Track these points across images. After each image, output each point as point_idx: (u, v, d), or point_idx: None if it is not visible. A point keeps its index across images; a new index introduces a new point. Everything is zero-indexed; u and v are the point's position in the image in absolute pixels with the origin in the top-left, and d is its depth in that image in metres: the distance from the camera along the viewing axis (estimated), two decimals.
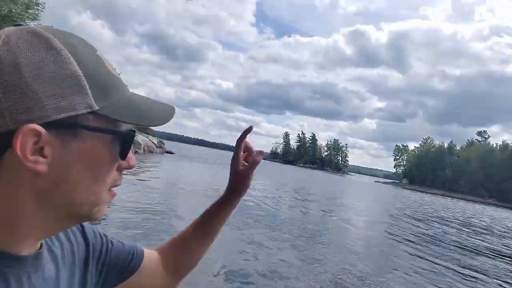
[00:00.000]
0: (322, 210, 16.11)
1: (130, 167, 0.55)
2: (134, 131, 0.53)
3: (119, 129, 0.50)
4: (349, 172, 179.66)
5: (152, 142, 45.99)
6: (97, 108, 0.47)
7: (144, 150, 40.63)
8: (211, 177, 24.99)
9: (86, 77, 0.46)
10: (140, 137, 42.36)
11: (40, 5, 39.36)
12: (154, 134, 53.73)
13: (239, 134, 0.82)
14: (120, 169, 0.54)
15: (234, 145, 0.82)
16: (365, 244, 10.30)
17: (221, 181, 21.24)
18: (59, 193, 0.47)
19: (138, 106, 0.52)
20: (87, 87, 0.46)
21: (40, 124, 0.43)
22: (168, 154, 48.45)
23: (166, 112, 0.55)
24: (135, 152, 36.34)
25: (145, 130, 50.29)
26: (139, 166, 22.85)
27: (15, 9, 34.78)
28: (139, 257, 0.77)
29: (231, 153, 0.84)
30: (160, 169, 24.64)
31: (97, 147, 0.49)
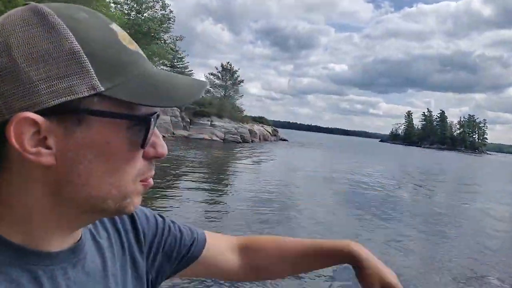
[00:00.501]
0: (451, 197, 14.32)
1: (159, 156, 0.48)
2: (155, 114, 0.45)
3: (135, 113, 0.43)
4: (488, 152, 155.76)
5: (267, 131, 48.36)
6: (102, 89, 0.40)
7: (259, 138, 43.31)
8: (323, 161, 24.75)
9: (88, 53, 0.40)
10: (256, 127, 45.00)
11: (171, 19, 45.52)
12: (269, 123, 56.06)
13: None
14: (148, 158, 0.47)
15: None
16: (508, 240, 8.65)
17: (334, 166, 20.83)
18: (73, 187, 0.43)
19: (157, 84, 0.44)
20: (89, 65, 0.40)
21: (36, 112, 0.38)
22: (282, 142, 49.90)
23: (193, 89, 0.47)
24: (252, 141, 39.62)
25: (260, 120, 53.06)
26: (256, 153, 24.93)
27: (152, 26, 41.03)
28: (200, 245, 0.72)
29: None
30: (275, 155, 25.31)
31: (107, 134, 0.42)
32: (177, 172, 12.92)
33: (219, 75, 54.29)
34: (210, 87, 52.02)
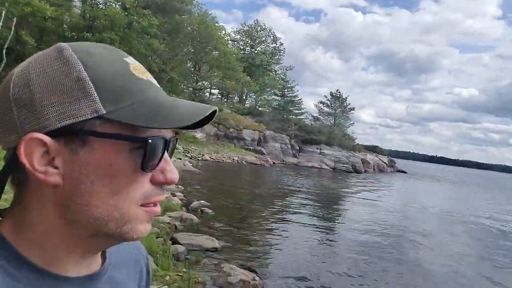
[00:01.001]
0: None
1: (168, 182, 0.49)
2: (162, 138, 0.47)
3: (139, 135, 0.45)
4: None
5: (382, 161, 45.12)
6: (104, 112, 0.44)
7: (374, 169, 40.70)
8: (454, 199, 21.47)
9: (94, 81, 0.44)
10: (369, 156, 42.45)
11: (281, 51, 49.10)
12: (384, 152, 52.57)
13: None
14: (156, 183, 0.49)
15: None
16: None
17: (470, 206, 17.37)
18: (76, 207, 0.46)
19: (159, 109, 0.46)
20: (93, 91, 0.44)
21: (45, 133, 0.43)
22: (400, 173, 46.68)
23: (195, 112, 0.47)
24: (365, 171, 37.40)
25: (373, 149, 50.00)
26: (370, 185, 23.08)
27: (264, 58, 45.07)
28: None
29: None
30: (393, 188, 23.23)
31: (109, 156, 0.45)
32: (287, 200, 12.68)
33: (328, 103, 54.43)
34: (319, 115, 52.74)
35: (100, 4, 25.46)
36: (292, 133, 38.01)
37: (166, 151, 0.48)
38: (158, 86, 0.51)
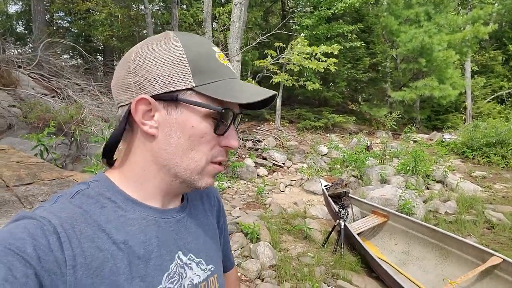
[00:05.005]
0: None
1: (230, 146, 0.62)
2: (234, 112, 0.60)
3: (215, 106, 0.58)
4: None
5: None
6: (194, 85, 0.57)
7: None
8: None
9: (190, 61, 0.57)
10: None
11: None
12: None
13: None
14: (222, 146, 0.62)
15: None
16: None
17: None
18: (167, 155, 0.60)
19: (232, 88, 0.58)
20: (189, 69, 0.57)
21: (151, 96, 0.58)
22: None
23: (258, 94, 0.59)
24: None
25: None
26: None
27: None
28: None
29: None
30: None
31: (192, 118, 0.58)
32: None
33: None
34: None
35: None
36: None
37: (233, 123, 0.62)
38: (233, 71, 0.63)
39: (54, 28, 13.96)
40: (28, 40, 13.78)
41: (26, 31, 14.31)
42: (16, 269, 0.46)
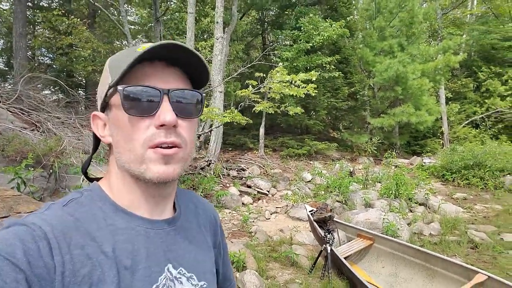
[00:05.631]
0: None
1: (162, 123, 0.58)
2: (149, 88, 0.59)
3: (120, 87, 0.59)
4: None
5: None
6: (109, 81, 0.61)
7: None
8: None
9: (109, 67, 0.63)
10: None
11: None
12: None
13: None
14: (157, 126, 0.59)
15: None
16: None
17: None
18: (118, 156, 0.62)
19: (130, 60, 0.58)
20: (108, 72, 0.62)
21: (100, 110, 0.66)
22: None
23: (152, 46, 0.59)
24: None
25: None
26: None
27: None
28: None
29: None
30: None
31: (117, 112, 0.61)
32: None
33: None
34: None
35: None
36: None
37: (162, 100, 0.59)
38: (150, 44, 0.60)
39: (36, 64, 13.97)
40: (9, 76, 13.70)
41: (6, 68, 14.23)
42: (6, 274, 0.46)
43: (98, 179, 0.69)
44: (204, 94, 0.67)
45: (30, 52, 13.91)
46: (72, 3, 13.91)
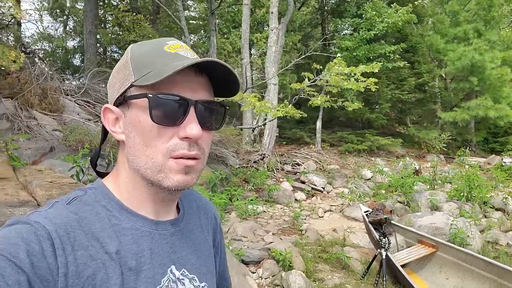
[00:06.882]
0: None
1: (188, 136, 0.56)
2: (180, 98, 0.56)
3: (150, 94, 0.55)
4: None
5: None
6: (133, 80, 0.58)
7: None
8: None
9: (132, 61, 0.59)
10: None
11: None
12: None
13: None
14: (181, 138, 0.57)
15: None
16: None
17: None
18: (133, 157, 0.59)
19: (166, 70, 0.54)
20: (131, 68, 0.59)
21: (113, 104, 0.61)
22: None
23: (184, 63, 0.55)
24: None
25: None
26: None
27: None
28: None
29: None
30: None
31: (138, 114, 0.57)
32: None
33: None
34: None
35: None
36: None
37: (189, 111, 0.57)
38: (187, 55, 0.60)
39: (107, 60, 15.03)
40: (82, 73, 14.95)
41: (82, 64, 15.56)
42: (8, 276, 0.46)
43: (106, 174, 0.68)
44: (228, 107, 0.65)
45: (102, 49, 14.98)
46: (138, 1, 14.67)
